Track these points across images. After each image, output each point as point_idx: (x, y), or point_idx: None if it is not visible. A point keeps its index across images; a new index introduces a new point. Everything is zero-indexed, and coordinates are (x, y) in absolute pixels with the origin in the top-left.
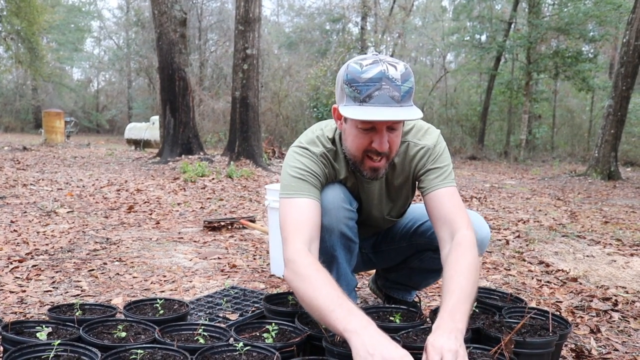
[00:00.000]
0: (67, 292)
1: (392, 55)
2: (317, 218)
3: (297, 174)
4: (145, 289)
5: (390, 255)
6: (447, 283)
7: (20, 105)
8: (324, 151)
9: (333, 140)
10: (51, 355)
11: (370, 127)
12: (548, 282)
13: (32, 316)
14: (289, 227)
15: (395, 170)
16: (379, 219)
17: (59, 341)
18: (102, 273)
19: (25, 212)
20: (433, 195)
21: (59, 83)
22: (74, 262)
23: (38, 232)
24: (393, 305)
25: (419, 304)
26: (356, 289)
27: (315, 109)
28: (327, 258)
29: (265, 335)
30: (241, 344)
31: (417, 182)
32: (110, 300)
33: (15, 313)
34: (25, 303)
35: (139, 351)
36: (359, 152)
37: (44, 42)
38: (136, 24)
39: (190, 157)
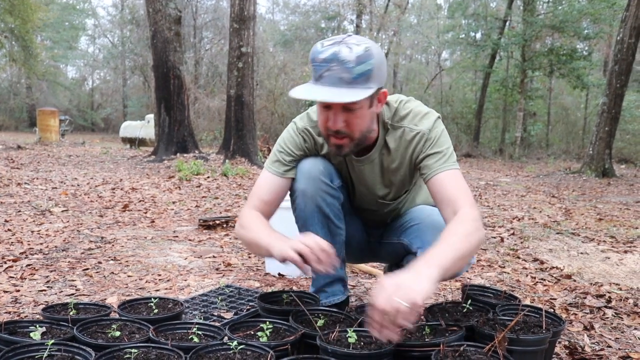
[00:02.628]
0: (62, 291)
1: (387, 54)
2: (275, 190)
3: (276, 149)
4: (140, 288)
5: (388, 250)
6: (438, 242)
7: (14, 103)
8: (306, 126)
9: None
10: (45, 355)
11: (327, 106)
12: (542, 279)
13: (26, 316)
14: (250, 194)
15: (390, 154)
16: (372, 201)
17: (52, 341)
18: (97, 272)
19: (20, 211)
20: (435, 180)
21: (54, 81)
22: (69, 261)
23: (32, 231)
24: None
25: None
26: (350, 286)
27: (310, 107)
28: (300, 224)
29: (259, 333)
30: (235, 342)
31: (418, 170)
32: (105, 299)
33: (9, 313)
34: (19, 302)
35: (133, 350)
36: (323, 129)
37: (38, 40)
38: (131, 22)
39: (185, 155)
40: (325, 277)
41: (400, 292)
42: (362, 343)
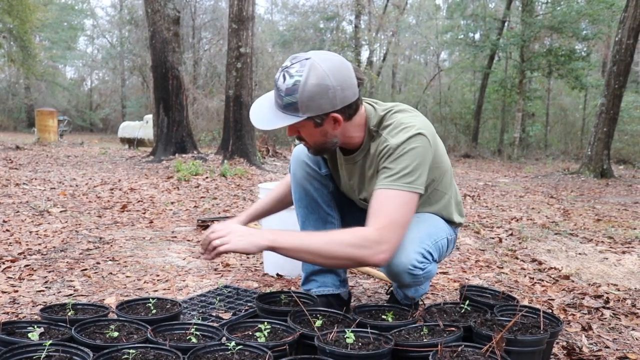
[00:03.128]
0: (60, 291)
1: (385, 54)
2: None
3: None
4: (139, 289)
5: None
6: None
7: (12, 104)
8: None
9: None
10: (43, 355)
11: None
12: (540, 279)
13: (25, 316)
14: None
15: (367, 160)
16: (356, 200)
17: (50, 341)
18: (95, 272)
19: (18, 211)
20: (373, 194)
21: (52, 82)
22: (67, 262)
23: (31, 232)
24: (386, 304)
25: (419, 304)
26: (350, 285)
27: None
28: (295, 205)
29: (257, 334)
30: (233, 343)
31: None
32: (103, 299)
33: (7, 313)
34: (18, 303)
35: (131, 351)
36: None
37: (36, 41)
38: (129, 22)
39: (183, 155)
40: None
41: (225, 228)
42: (360, 343)
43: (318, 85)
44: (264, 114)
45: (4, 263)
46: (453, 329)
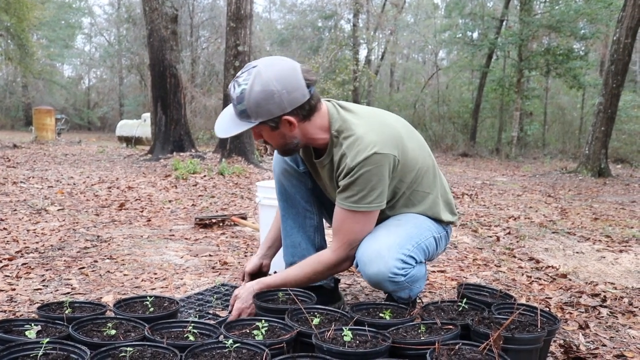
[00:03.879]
0: (57, 290)
1: (383, 53)
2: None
3: None
4: (136, 287)
5: None
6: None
7: (10, 102)
8: None
9: None
10: (40, 353)
11: None
12: (538, 278)
13: (22, 314)
14: None
15: (333, 166)
16: (330, 198)
17: (47, 339)
18: (93, 271)
19: (15, 210)
20: (335, 208)
21: (50, 80)
22: (65, 260)
23: (28, 230)
24: (384, 302)
25: (417, 302)
26: (346, 284)
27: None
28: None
29: (255, 332)
30: (231, 341)
31: None
32: (101, 298)
33: (5, 311)
34: (15, 301)
35: (128, 349)
36: None
37: (34, 39)
38: (127, 20)
39: (181, 154)
40: (293, 252)
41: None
42: (357, 342)
43: (263, 91)
44: (224, 122)
45: (1, 261)
46: (450, 327)
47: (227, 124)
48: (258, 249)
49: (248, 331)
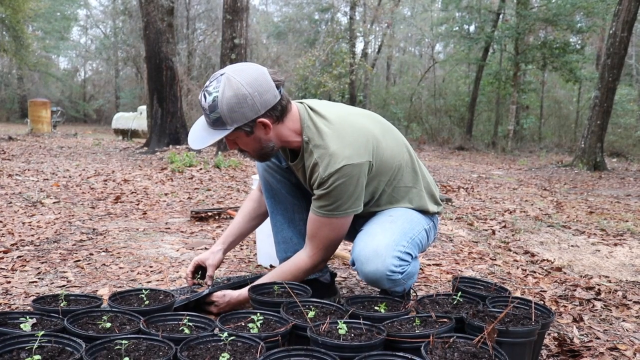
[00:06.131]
0: (53, 283)
1: (380, 46)
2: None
3: None
4: (132, 280)
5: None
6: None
7: (5, 94)
8: None
9: None
10: (35, 346)
11: None
12: (533, 271)
13: (17, 307)
14: None
15: (306, 170)
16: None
17: (42, 332)
18: (88, 264)
19: (11, 202)
20: (309, 213)
21: (45, 72)
22: (60, 253)
23: (23, 223)
24: (379, 295)
25: (413, 294)
26: (341, 278)
27: (303, 99)
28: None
29: (250, 325)
30: (226, 334)
31: None
32: (97, 290)
33: (0, 304)
34: (10, 294)
35: (123, 342)
36: None
37: (29, 31)
38: (123, 12)
39: (177, 147)
40: (286, 248)
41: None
42: (352, 334)
43: (235, 96)
44: (198, 134)
45: None
46: (445, 320)
47: (201, 135)
48: (217, 242)
49: (243, 324)
